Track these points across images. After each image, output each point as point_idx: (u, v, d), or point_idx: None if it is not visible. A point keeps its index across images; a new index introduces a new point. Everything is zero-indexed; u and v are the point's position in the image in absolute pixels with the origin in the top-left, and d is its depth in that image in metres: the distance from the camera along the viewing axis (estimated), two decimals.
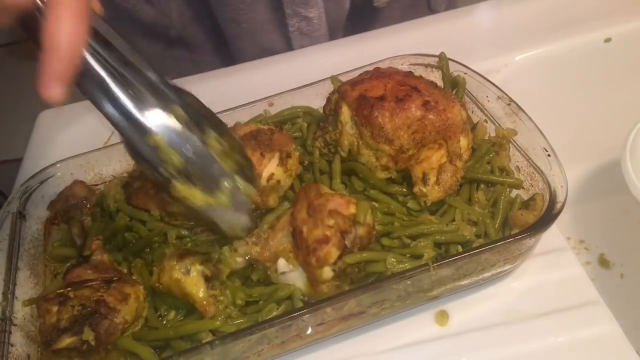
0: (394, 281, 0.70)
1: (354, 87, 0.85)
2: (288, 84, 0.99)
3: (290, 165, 0.82)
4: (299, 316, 0.69)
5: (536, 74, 1.15)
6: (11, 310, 0.77)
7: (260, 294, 0.77)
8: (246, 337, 0.69)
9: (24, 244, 0.86)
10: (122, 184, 0.89)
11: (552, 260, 0.82)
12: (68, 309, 0.72)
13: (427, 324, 0.78)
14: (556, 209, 0.74)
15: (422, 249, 0.75)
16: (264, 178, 0.79)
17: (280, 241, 0.77)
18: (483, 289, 0.81)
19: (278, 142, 0.82)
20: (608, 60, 1.16)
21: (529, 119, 0.84)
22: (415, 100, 0.81)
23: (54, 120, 1.21)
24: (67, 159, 0.94)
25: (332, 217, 0.74)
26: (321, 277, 0.73)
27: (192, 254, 0.76)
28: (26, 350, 0.75)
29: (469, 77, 0.94)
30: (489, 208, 0.82)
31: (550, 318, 0.76)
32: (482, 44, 1.17)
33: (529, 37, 1.16)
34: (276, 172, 0.80)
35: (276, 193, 0.82)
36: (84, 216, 0.88)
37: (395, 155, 0.82)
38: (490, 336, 0.76)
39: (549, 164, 0.79)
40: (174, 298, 0.77)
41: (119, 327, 0.72)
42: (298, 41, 1.24)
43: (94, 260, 0.81)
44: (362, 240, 0.75)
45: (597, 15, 1.17)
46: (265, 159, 0.79)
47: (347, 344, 0.78)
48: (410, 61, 0.99)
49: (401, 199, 0.82)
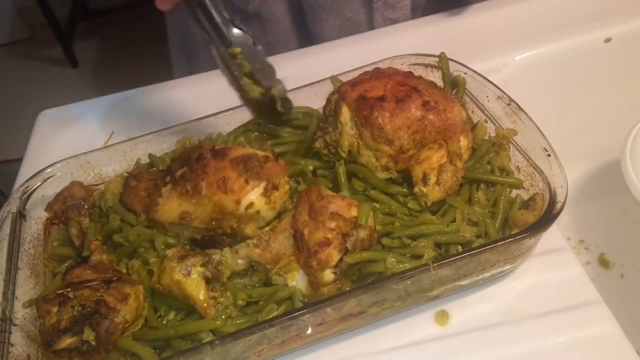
0: (394, 281, 0.70)
1: (353, 88, 0.85)
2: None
3: (274, 197, 0.79)
4: (299, 316, 0.69)
5: (536, 74, 1.15)
6: (11, 310, 0.77)
7: (260, 295, 0.77)
8: (246, 337, 0.69)
9: (24, 244, 0.86)
10: (123, 181, 0.89)
11: (552, 260, 0.82)
12: (68, 310, 0.72)
13: (427, 324, 0.78)
14: (556, 209, 0.74)
15: (422, 249, 0.75)
16: (242, 206, 0.77)
17: (282, 243, 0.77)
18: (483, 289, 0.81)
19: (268, 172, 0.79)
20: (608, 60, 1.16)
21: (529, 119, 0.84)
22: (415, 101, 0.81)
23: (54, 120, 1.21)
24: (67, 159, 0.94)
25: (334, 220, 0.74)
26: (322, 280, 0.73)
27: (193, 255, 0.76)
28: (26, 350, 0.75)
29: (469, 77, 0.94)
30: (489, 208, 0.82)
31: (550, 318, 0.76)
32: (482, 44, 1.17)
33: (529, 37, 1.16)
34: (256, 202, 0.77)
35: (255, 223, 0.79)
36: (82, 217, 0.88)
37: (395, 155, 0.82)
38: (490, 336, 0.76)
39: (549, 164, 0.79)
40: (174, 299, 0.76)
41: (119, 327, 0.72)
42: (380, 11, 1.26)
43: (93, 260, 0.80)
44: (364, 243, 0.75)
45: (597, 15, 1.18)
46: (249, 186, 0.77)
47: (347, 344, 0.78)
48: (410, 61, 0.99)
49: (402, 200, 0.82)
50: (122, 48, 3.92)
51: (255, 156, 0.80)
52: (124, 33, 4.02)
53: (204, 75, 1.25)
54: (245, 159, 0.79)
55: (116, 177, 0.92)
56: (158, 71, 1.92)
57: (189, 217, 0.79)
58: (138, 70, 3.48)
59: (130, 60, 3.72)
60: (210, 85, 1.21)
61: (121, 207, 0.86)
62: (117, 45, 3.97)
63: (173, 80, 1.27)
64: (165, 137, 0.96)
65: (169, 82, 1.26)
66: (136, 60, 3.65)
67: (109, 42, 4.05)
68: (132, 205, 0.85)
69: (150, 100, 1.21)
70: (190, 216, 0.79)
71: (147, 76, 1.51)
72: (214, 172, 0.78)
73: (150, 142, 0.96)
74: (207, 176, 0.78)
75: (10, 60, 4.01)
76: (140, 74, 3.16)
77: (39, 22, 3.75)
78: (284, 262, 0.77)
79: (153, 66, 3.44)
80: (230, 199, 0.77)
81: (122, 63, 3.75)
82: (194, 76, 1.27)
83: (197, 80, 1.25)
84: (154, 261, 0.80)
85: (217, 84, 0.90)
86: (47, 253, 0.88)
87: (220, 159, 0.80)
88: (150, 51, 3.67)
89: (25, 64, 3.96)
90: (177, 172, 0.81)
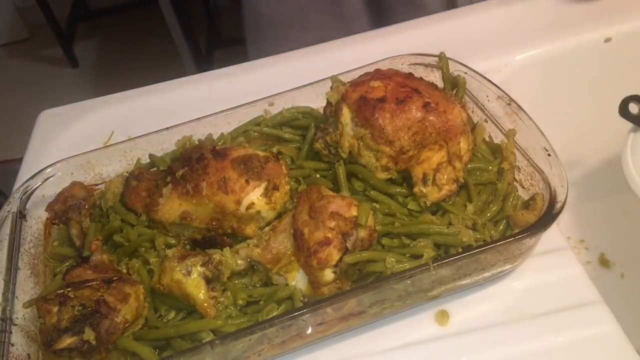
0: (394, 281, 0.70)
1: (354, 89, 0.85)
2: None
3: (275, 198, 0.79)
4: (299, 316, 0.69)
5: (536, 74, 1.15)
6: (11, 310, 0.77)
7: (260, 295, 0.77)
8: (246, 337, 0.69)
9: (24, 244, 0.86)
10: (124, 181, 0.89)
11: (552, 260, 0.82)
12: (68, 309, 0.72)
13: (427, 323, 0.78)
14: (556, 209, 0.74)
15: (421, 248, 0.75)
16: (243, 206, 0.78)
17: (282, 243, 0.77)
18: (483, 288, 0.81)
19: (269, 172, 0.79)
20: (608, 60, 1.16)
21: (529, 119, 0.84)
22: (415, 102, 0.81)
23: (54, 120, 1.21)
24: (67, 159, 0.95)
25: (334, 219, 0.74)
26: (322, 280, 0.73)
27: (193, 255, 0.76)
28: (26, 350, 0.75)
29: (469, 77, 0.94)
30: (489, 211, 0.82)
31: (550, 318, 0.76)
32: (482, 44, 1.17)
33: (529, 37, 1.16)
34: (257, 203, 0.78)
35: (255, 223, 0.80)
36: (82, 217, 0.88)
37: (395, 156, 0.82)
38: (491, 336, 0.76)
39: (549, 163, 0.79)
40: (175, 299, 0.77)
41: (119, 327, 0.72)
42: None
43: (93, 260, 0.80)
44: (364, 243, 0.75)
45: (597, 15, 1.18)
46: (249, 186, 0.78)
47: (347, 344, 0.78)
48: (410, 61, 0.99)
49: (401, 200, 0.82)
50: (122, 48, 3.92)
51: (256, 156, 0.80)
52: (124, 33, 4.02)
53: (205, 75, 1.25)
54: (246, 160, 0.80)
55: (117, 177, 0.92)
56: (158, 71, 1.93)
57: (189, 217, 0.79)
58: (138, 70, 3.49)
59: (130, 60, 3.72)
60: (211, 85, 1.21)
61: (122, 207, 0.86)
62: (117, 45, 3.97)
63: (173, 80, 1.27)
64: (165, 137, 0.96)
65: (169, 82, 1.26)
66: (136, 60, 3.66)
67: (109, 42, 4.05)
68: (132, 205, 0.85)
69: (151, 100, 1.21)
70: (190, 216, 0.79)
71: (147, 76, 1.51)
72: (215, 173, 0.78)
73: (150, 142, 0.96)
74: (207, 176, 0.79)
75: (10, 60, 4.01)
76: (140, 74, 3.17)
77: (39, 22, 3.75)
78: (284, 262, 0.77)
79: (153, 66, 3.45)
80: (231, 199, 0.77)
81: (122, 63, 3.75)
82: (194, 76, 1.27)
83: (198, 80, 1.25)
84: (155, 261, 0.80)
85: (218, 84, 0.90)
86: (48, 253, 0.88)
87: (221, 159, 0.80)
88: (150, 51, 3.68)
89: (25, 64, 3.96)
90: (177, 172, 0.81)
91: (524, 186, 0.85)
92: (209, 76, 1.24)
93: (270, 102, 0.98)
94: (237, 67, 1.25)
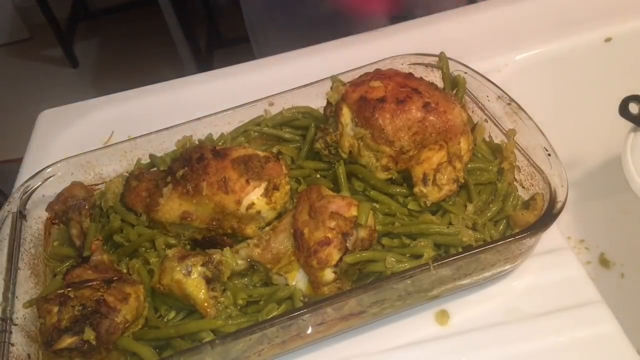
0: (394, 281, 0.70)
1: (354, 89, 0.85)
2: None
3: (275, 198, 0.79)
4: (299, 316, 0.69)
5: (536, 73, 1.15)
6: (12, 310, 0.77)
7: (260, 294, 0.77)
8: (247, 337, 0.69)
9: (25, 244, 0.86)
10: (124, 181, 0.89)
11: (553, 260, 0.82)
12: (69, 309, 0.72)
13: (427, 323, 0.79)
14: (556, 209, 0.74)
15: (421, 248, 0.75)
16: (243, 206, 0.78)
17: (282, 243, 0.77)
18: (483, 288, 0.81)
19: (269, 172, 0.80)
20: (608, 60, 1.16)
21: (529, 119, 0.84)
22: (415, 102, 0.81)
23: (54, 120, 1.21)
24: (67, 159, 0.95)
25: (334, 219, 0.74)
26: (322, 279, 0.73)
27: (193, 255, 0.76)
28: (26, 350, 0.75)
29: (469, 77, 0.94)
30: (489, 211, 0.82)
31: (550, 318, 0.76)
32: (482, 44, 1.17)
33: (529, 37, 1.16)
34: (257, 203, 0.78)
35: (256, 223, 0.80)
36: (82, 217, 0.88)
37: (395, 156, 0.82)
38: (491, 336, 0.76)
39: (549, 163, 0.79)
40: (175, 299, 0.77)
41: (119, 327, 0.72)
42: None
43: (93, 260, 0.81)
44: (364, 243, 0.75)
45: (597, 15, 1.18)
46: (250, 186, 0.78)
47: (347, 344, 0.78)
48: (410, 61, 0.99)
49: (401, 200, 0.82)
50: (122, 48, 3.92)
51: (256, 156, 0.80)
52: (124, 33, 4.02)
53: (205, 76, 1.25)
54: (246, 160, 0.80)
55: (117, 177, 0.92)
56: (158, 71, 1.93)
57: (189, 217, 0.79)
58: (138, 70, 3.49)
59: (130, 60, 3.72)
60: (211, 85, 1.21)
61: (122, 207, 0.86)
62: (117, 45, 3.97)
63: (173, 80, 1.27)
64: (165, 137, 0.96)
65: (169, 82, 1.26)
66: (136, 60, 3.66)
67: (109, 42, 4.04)
68: (133, 205, 0.85)
69: (151, 100, 1.21)
70: (191, 216, 0.79)
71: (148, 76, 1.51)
72: (215, 173, 0.79)
73: (150, 142, 0.96)
74: (208, 176, 0.79)
75: (10, 60, 4.01)
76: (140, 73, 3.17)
77: (39, 22, 3.75)
78: (285, 261, 0.77)
79: (153, 66, 3.46)
80: (231, 199, 0.77)
81: (122, 63, 3.75)
82: (194, 76, 1.27)
83: (198, 80, 1.25)
84: (155, 261, 0.80)
85: (218, 84, 0.90)
86: (48, 253, 0.88)
87: (221, 159, 0.80)
88: (150, 51, 3.68)
89: (25, 64, 3.96)
90: (178, 172, 0.81)
91: (524, 186, 0.85)
92: (209, 76, 1.24)
93: (270, 102, 0.98)
94: (237, 67, 1.25)
